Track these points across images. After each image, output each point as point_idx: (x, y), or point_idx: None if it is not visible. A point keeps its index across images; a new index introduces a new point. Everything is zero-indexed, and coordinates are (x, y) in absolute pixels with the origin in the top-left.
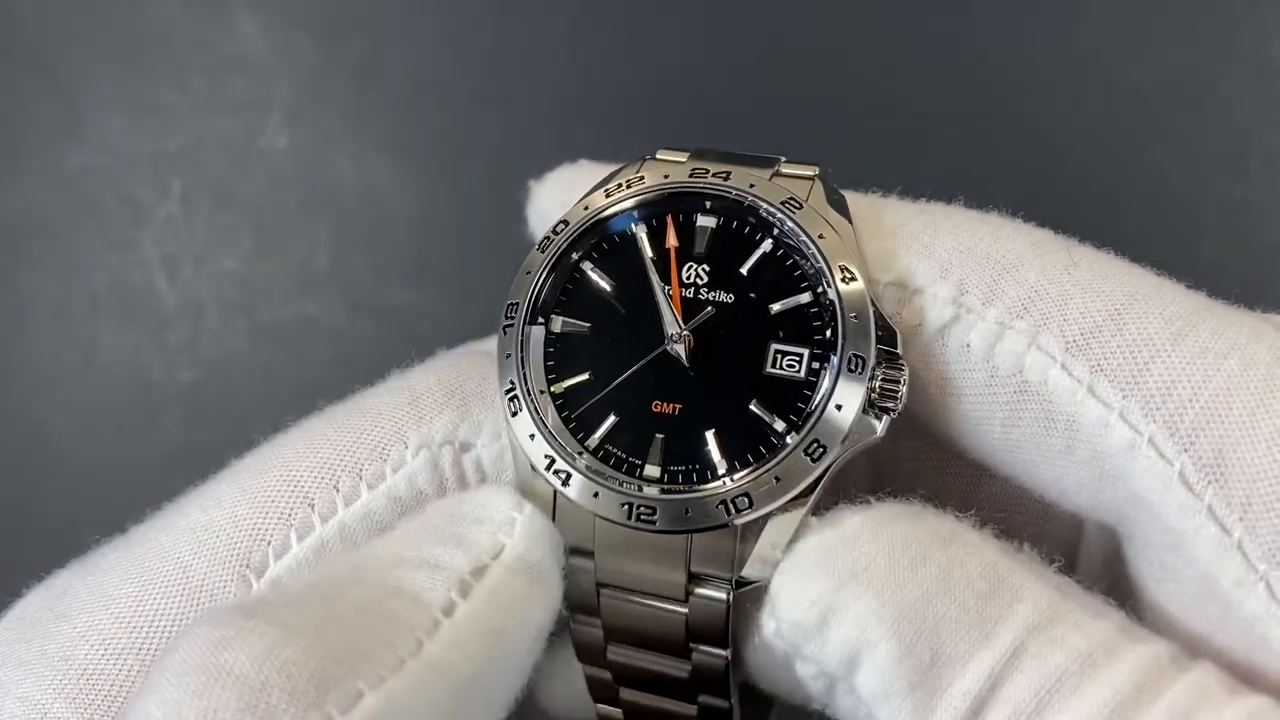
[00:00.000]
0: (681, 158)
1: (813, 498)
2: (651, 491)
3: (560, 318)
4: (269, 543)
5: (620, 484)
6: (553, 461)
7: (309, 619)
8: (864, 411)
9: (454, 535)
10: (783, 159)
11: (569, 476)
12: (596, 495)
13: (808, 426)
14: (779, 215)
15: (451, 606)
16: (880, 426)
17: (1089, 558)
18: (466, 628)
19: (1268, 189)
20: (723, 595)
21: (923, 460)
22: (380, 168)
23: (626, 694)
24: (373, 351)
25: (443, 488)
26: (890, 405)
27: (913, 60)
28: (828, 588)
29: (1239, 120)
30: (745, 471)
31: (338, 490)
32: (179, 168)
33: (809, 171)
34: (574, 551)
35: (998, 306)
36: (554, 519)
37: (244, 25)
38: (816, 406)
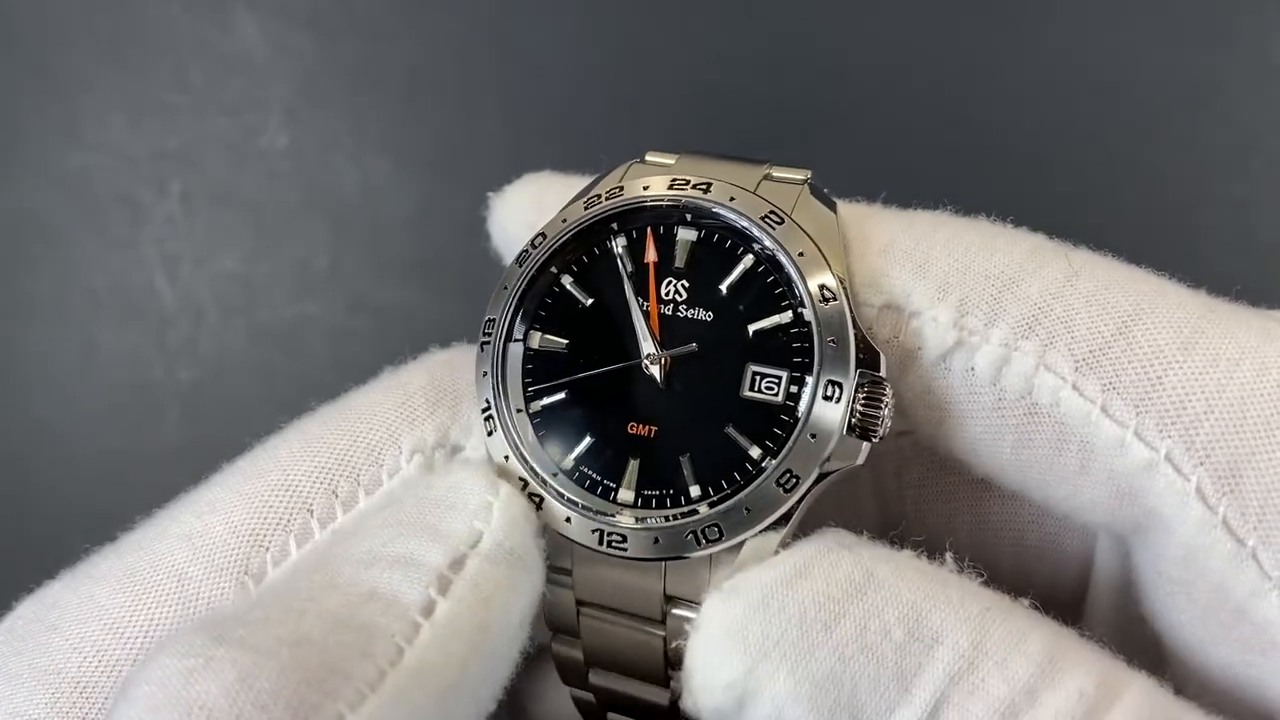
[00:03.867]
0: (670, 159)
1: (789, 526)
2: (624, 519)
3: (539, 334)
4: (267, 549)
5: (594, 510)
6: (525, 484)
7: (280, 639)
8: (843, 437)
9: (428, 526)
10: (770, 162)
11: (541, 501)
12: (569, 520)
13: (781, 454)
14: (757, 231)
15: (431, 606)
16: (861, 453)
17: (1102, 568)
18: (448, 628)
19: (1268, 189)
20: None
21: (929, 487)
22: (380, 168)
23: (614, 718)
24: (372, 351)
25: None
26: (872, 431)
27: (912, 60)
28: (740, 670)
29: (1239, 120)
30: (718, 498)
31: (336, 496)
32: (179, 168)
33: (799, 176)
34: (553, 569)
35: (1001, 327)
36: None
37: (244, 25)
38: (793, 435)
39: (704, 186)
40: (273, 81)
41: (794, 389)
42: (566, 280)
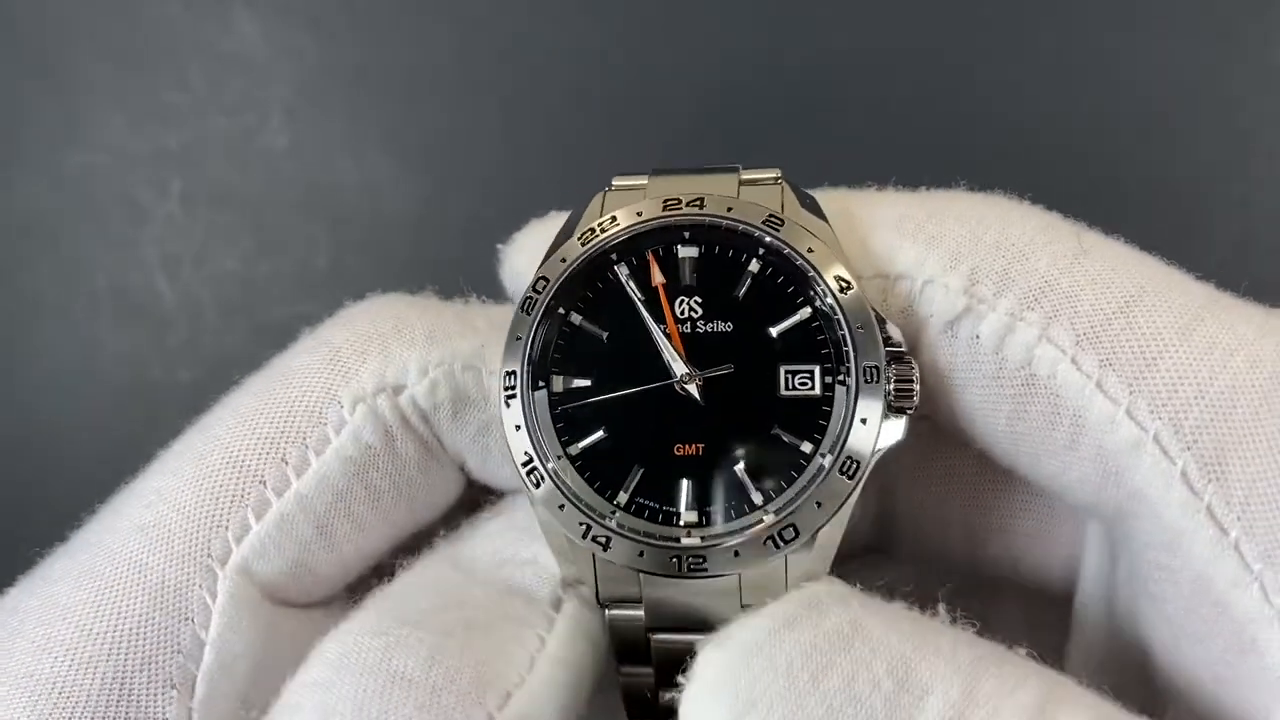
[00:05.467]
0: (641, 180)
1: (850, 511)
2: (692, 540)
3: (560, 377)
4: (226, 528)
5: (663, 538)
6: (589, 528)
7: (455, 622)
8: (886, 417)
9: (540, 534)
10: (740, 167)
11: (608, 540)
12: (642, 555)
13: (839, 446)
14: (761, 234)
15: (559, 601)
16: (902, 428)
17: (1091, 560)
18: (572, 624)
19: (1268, 189)
20: None
21: (924, 470)
22: (380, 168)
23: None
24: None
25: (389, 435)
26: (907, 404)
27: (911, 60)
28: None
29: (1240, 120)
30: (782, 499)
31: (286, 462)
32: (179, 168)
33: (770, 175)
34: (618, 601)
35: (1009, 297)
36: (595, 578)
37: (244, 25)
38: (843, 426)
39: (698, 202)
40: (273, 81)
41: (828, 379)
42: (577, 319)
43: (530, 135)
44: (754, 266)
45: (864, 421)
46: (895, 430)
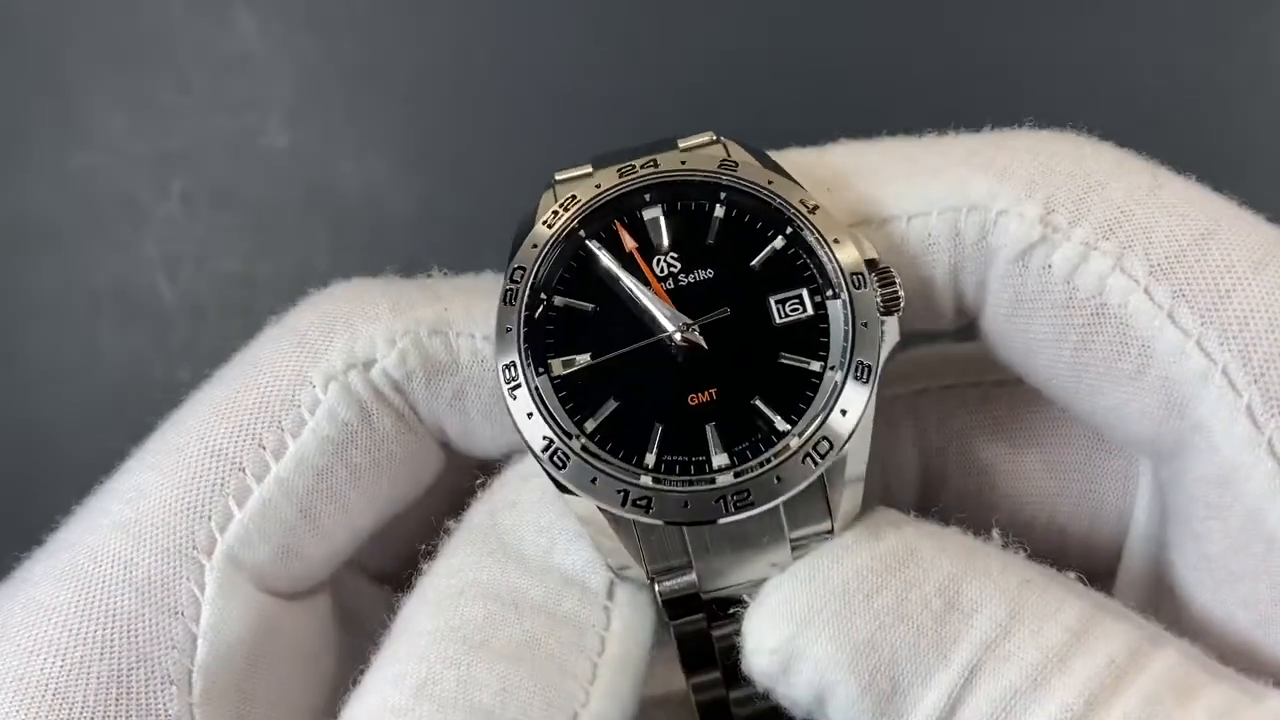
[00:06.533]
0: (586, 169)
1: (872, 417)
2: (727, 479)
3: (558, 359)
4: (209, 518)
5: (698, 485)
6: (625, 494)
7: (517, 641)
8: (880, 318)
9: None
10: (676, 139)
11: (648, 501)
12: (686, 505)
13: (848, 355)
14: (718, 178)
15: (611, 589)
16: (897, 328)
17: (1141, 518)
18: (627, 619)
19: (1268, 190)
20: None
21: (970, 438)
22: (380, 168)
23: None
24: None
25: (364, 410)
26: (895, 306)
27: (910, 60)
28: (785, 636)
29: (1239, 120)
30: (806, 419)
31: (264, 447)
32: (179, 168)
33: (707, 137)
34: (667, 572)
35: (1084, 226)
36: (641, 551)
37: (244, 25)
38: (845, 336)
39: (652, 163)
40: (273, 81)
41: (817, 299)
42: (560, 300)
43: (530, 135)
44: (719, 211)
45: (865, 325)
46: (893, 330)
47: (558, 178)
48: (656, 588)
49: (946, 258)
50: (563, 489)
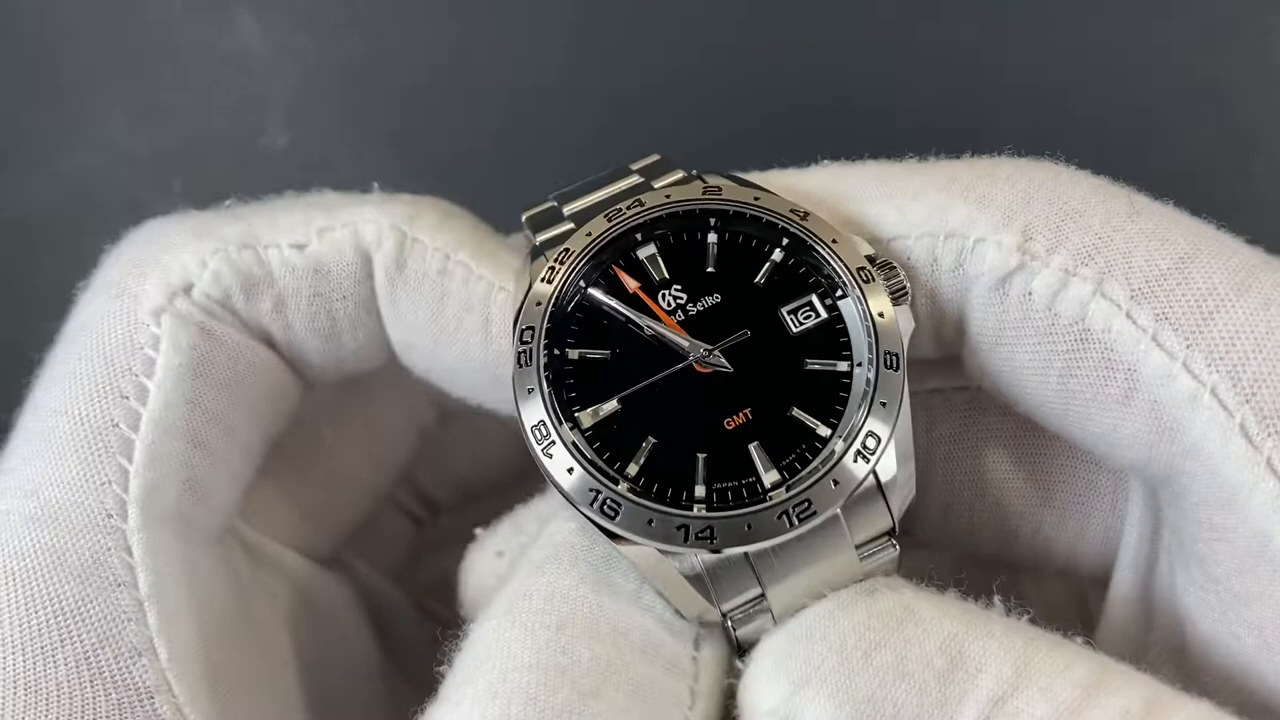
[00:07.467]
0: (566, 226)
1: (908, 402)
2: (781, 494)
3: (582, 411)
4: (109, 483)
5: (755, 508)
6: (686, 530)
7: (624, 691)
8: (894, 309)
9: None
10: (627, 166)
11: (710, 531)
12: (750, 528)
13: (874, 349)
14: (705, 206)
15: (699, 639)
16: (909, 316)
17: (1132, 536)
18: (713, 673)
19: (1268, 189)
20: (894, 551)
21: (960, 443)
22: (380, 168)
23: None
24: None
25: (205, 330)
26: (902, 295)
27: (910, 61)
28: (783, 695)
29: (1239, 120)
30: (845, 421)
31: (127, 398)
32: (179, 168)
33: (678, 175)
34: (742, 607)
35: (1062, 254)
36: (712, 592)
37: (244, 25)
38: (866, 331)
39: (637, 203)
40: (273, 81)
41: (828, 301)
42: (575, 353)
43: (530, 135)
44: (713, 238)
45: (881, 315)
46: (907, 318)
47: (540, 239)
48: (736, 633)
49: (924, 282)
50: (618, 539)
